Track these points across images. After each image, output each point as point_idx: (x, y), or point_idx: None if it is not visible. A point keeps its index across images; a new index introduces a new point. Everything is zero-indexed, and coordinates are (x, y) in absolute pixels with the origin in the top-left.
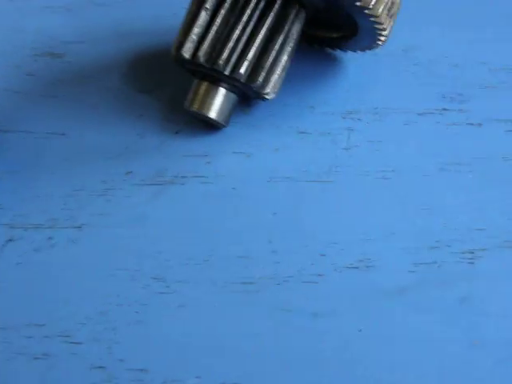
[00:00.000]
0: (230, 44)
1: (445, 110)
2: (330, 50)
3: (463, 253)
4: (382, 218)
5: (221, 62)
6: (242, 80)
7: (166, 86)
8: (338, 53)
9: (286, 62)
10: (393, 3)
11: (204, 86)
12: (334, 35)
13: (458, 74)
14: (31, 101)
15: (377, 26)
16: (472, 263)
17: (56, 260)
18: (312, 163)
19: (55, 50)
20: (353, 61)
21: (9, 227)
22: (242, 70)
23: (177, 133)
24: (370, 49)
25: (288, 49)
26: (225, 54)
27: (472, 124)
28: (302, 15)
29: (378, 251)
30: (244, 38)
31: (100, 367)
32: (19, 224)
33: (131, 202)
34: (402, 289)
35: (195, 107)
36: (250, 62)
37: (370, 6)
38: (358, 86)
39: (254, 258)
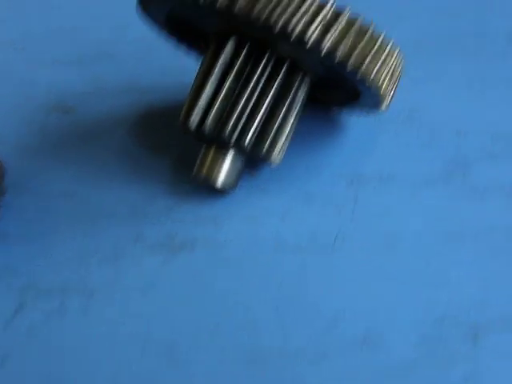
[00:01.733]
0: (235, 114)
1: (449, 178)
2: (335, 112)
3: (468, 328)
4: (387, 290)
5: (226, 133)
6: (248, 149)
7: (176, 146)
8: (343, 115)
9: (292, 127)
10: (394, 71)
11: (211, 153)
12: (337, 97)
13: (461, 140)
14: (42, 158)
15: (378, 95)
16: (476, 339)
17: (67, 327)
18: (318, 231)
19: (66, 105)
20: (357, 123)
21: (19, 291)
22: (247, 140)
23: (186, 195)
24: (373, 112)
25: (293, 115)
26: (230, 125)
27: (475, 194)
28: (307, 81)
29: (384, 324)
30: (249, 107)
31: None
32: (30, 288)
33: (141, 267)
34: (407, 365)
35: (202, 175)
36: (255, 130)
37: (371, 78)
38: (363, 149)
39: (261, 328)
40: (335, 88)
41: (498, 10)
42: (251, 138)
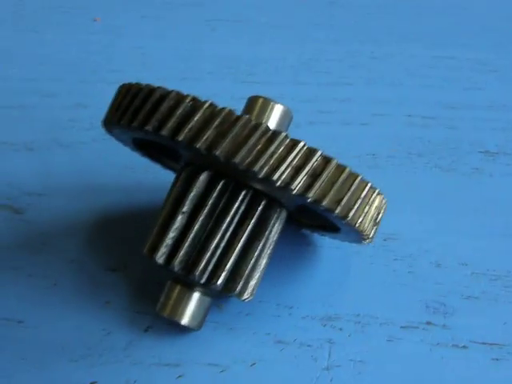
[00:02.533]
0: (208, 253)
1: (429, 323)
2: (309, 233)
3: None
4: None
5: (197, 272)
6: (218, 289)
7: (137, 263)
8: (317, 238)
9: (265, 264)
10: (378, 214)
11: (177, 289)
12: (315, 224)
13: (440, 276)
14: None
15: (362, 236)
16: None
17: None
18: None
19: (15, 204)
20: (332, 249)
21: None
22: (219, 281)
23: (146, 330)
24: (352, 243)
25: (268, 252)
26: (201, 264)
27: (457, 346)
28: (284, 215)
29: None
30: (222, 246)
31: None
32: None
33: None
34: None
35: (166, 313)
36: (228, 271)
37: (357, 225)
38: (338, 282)
39: None
40: (313, 215)
41: (469, 123)
42: (223, 281)
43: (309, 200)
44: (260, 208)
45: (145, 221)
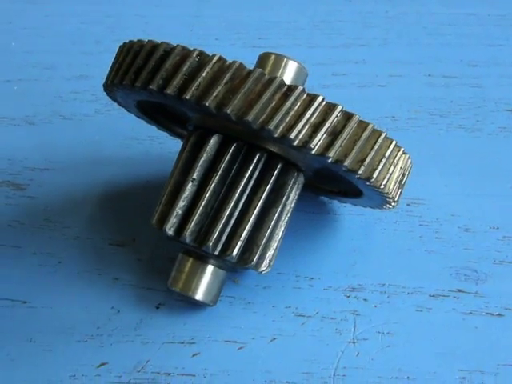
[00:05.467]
0: (221, 222)
1: (460, 291)
2: (327, 200)
3: None
4: None
5: (210, 243)
6: (234, 261)
7: (146, 237)
8: (336, 205)
9: (283, 233)
10: (404, 174)
11: (189, 262)
12: (335, 190)
13: (470, 241)
14: None
15: (386, 199)
16: None
17: None
18: (314, 362)
19: (17, 180)
20: (353, 216)
21: None
22: (234, 252)
23: (158, 307)
24: (375, 208)
25: (285, 220)
26: (214, 235)
27: (492, 314)
28: (301, 180)
29: None
30: (236, 214)
31: None
32: None
33: None
34: None
35: (179, 288)
36: (243, 241)
37: (382, 186)
38: (360, 251)
39: None
40: (333, 181)
41: (494, 80)
42: (238, 251)
43: (329, 160)
44: (276, 172)
45: (152, 193)
